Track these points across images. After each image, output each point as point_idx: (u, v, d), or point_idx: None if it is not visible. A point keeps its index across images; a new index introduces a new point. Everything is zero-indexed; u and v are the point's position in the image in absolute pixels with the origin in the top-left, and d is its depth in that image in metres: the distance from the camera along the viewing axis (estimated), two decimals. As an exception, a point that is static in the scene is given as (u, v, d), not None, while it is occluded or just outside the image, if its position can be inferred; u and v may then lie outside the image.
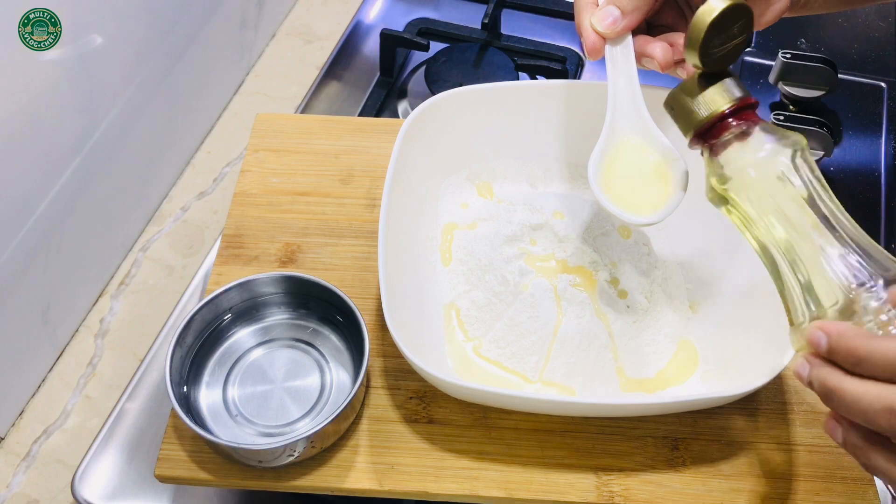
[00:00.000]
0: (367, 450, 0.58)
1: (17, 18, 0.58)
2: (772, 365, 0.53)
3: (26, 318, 0.67)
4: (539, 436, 0.58)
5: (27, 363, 0.69)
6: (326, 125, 0.75)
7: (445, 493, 0.56)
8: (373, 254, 0.59)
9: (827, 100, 0.87)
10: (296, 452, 0.55)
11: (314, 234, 0.68)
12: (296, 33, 0.98)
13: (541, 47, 0.91)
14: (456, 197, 0.69)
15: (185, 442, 0.58)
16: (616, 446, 0.58)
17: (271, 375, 0.60)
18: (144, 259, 0.79)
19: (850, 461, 0.58)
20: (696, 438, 0.59)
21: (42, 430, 0.69)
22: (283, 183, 0.71)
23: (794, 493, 0.57)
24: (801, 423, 0.59)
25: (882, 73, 0.92)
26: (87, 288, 0.75)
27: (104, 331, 0.74)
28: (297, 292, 0.62)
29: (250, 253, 0.67)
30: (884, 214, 0.79)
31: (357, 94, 0.90)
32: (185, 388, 0.58)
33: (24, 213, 0.64)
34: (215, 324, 0.61)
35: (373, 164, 0.72)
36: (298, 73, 0.93)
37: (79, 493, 0.63)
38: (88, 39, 0.66)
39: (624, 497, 0.56)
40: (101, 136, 0.70)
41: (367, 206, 0.70)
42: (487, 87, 0.68)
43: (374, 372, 0.61)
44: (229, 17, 0.87)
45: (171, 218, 0.81)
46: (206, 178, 0.85)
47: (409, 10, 0.98)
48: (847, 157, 0.84)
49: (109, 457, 0.65)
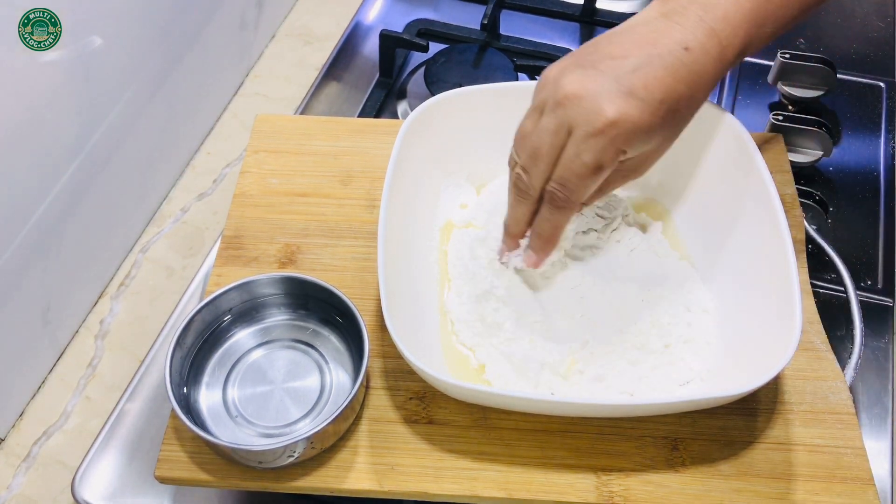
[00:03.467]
0: (367, 450, 0.58)
1: (17, 18, 0.58)
2: (772, 365, 0.53)
3: (26, 319, 0.67)
4: (539, 436, 0.58)
5: (27, 364, 0.69)
6: (326, 126, 0.75)
7: (445, 493, 0.56)
8: (372, 255, 0.59)
9: (826, 100, 0.87)
10: (296, 453, 0.55)
11: (314, 235, 0.69)
12: (295, 34, 0.98)
13: (540, 48, 0.91)
14: (455, 197, 0.69)
15: (185, 443, 0.58)
16: (616, 446, 0.58)
17: (271, 376, 0.60)
18: (144, 260, 0.79)
19: (849, 461, 0.58)
20: (696, 438, 0.59)
21: (42, 431, 0.69)
22: (283, 184, 0.71)
23: (793, 493, 0.57)
24: (801, 423, 0.60)
25: (881, 73, 0.92)
26: (87, 289, 0.75)
27: (104, 332, 0.74)
28: (296, 293, 0.62)
29: (250, 254, 0.67)
30: (883, 214, 0.79)
31: (356, 94, 0.90)
32: (185, 389, 0.58)
33: (24, 213, 0.64)
34: (215, 325, 0.61)
35: (372, 165, 0.72)
36: (298, 74, 0.93)
37: (79, 495, 0.63)
38: (88, 40, 0.66)
39: (623, 497, 0.56)
40: (100, 137, 0.70)
41: (367, 207, 0.70)
42: (487, 87, 0.68)
43: (374, 373, 0.61)
44: (229, 19, 0.87)
45: (171, 219, 0.81)
46: (205, 180, 0.85)
47: (409, 11, 0.98)
48: (846, 157, 0.84)
49: (109, 458, 0.65)
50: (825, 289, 0.73)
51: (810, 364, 0.62)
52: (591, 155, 0.52)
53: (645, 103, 0.51)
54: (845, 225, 0.79)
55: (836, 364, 0.62)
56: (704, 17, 0.54)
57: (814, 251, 0.73)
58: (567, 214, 0.56)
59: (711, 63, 0.54)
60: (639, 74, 0.52)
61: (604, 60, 0.53)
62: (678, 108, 0.53)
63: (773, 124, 0.80)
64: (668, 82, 0.52)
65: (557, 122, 0.53)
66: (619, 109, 0.51)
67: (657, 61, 0.52)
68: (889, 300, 0.74)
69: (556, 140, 0.53)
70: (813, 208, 0.80)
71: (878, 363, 0.69)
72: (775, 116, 0.81)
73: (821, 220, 0.79)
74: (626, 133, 0.52)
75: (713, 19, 0.54)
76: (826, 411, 0.60)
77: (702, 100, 0.56)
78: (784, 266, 0.57)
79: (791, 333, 0.53)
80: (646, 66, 0.52)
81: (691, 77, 0.53)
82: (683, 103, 0.54)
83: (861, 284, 0.74)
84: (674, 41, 0.53)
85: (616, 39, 0.55)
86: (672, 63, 0.52)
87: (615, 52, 0.53)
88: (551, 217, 0.57)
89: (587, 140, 0.52)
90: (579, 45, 0.95)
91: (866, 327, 0.69)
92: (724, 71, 0.55)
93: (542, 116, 0.54)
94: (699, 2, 0.54)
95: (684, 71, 0.53)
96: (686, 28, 0.53)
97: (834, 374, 0.62)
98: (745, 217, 0.62)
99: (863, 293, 0.73)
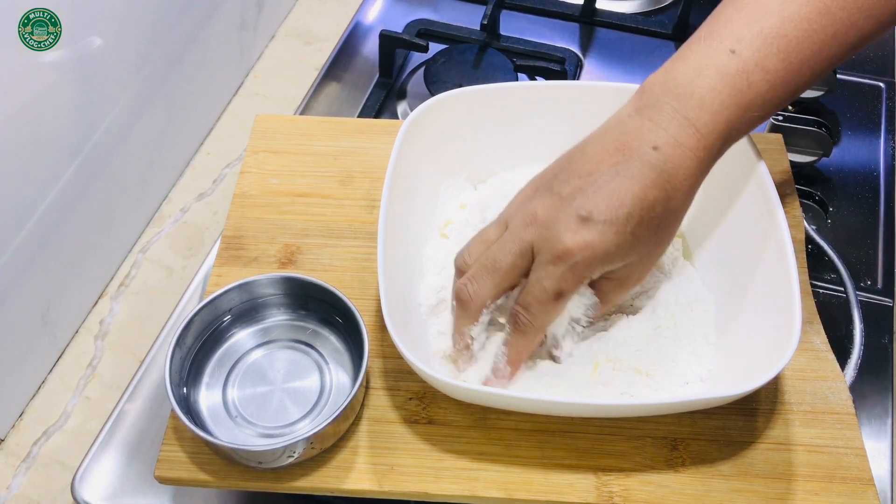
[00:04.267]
0: (367, 451, 0.58)
1: (17, 18, 0.58)
2: (772, 365, 0.53)
3: (26, 319, 0.67)
4: (539, 436, 0.58)
5: (27, 364, 0.69)
6: (326, 126, 0.75)
7: (445, 493, 0.56)
8: (372, 255, 0.59)
9: (826, 100, 0.87)
10: (295, 453, 0.55)
11: (314, 235, 0.69)
12: (295, 34, 0.98)
13: (540, 48, 0.91)
14: (455, 197, 0.69)
15: (184, 443, 0.58)
16: (615, 447, 0.58)
17: (271, 376, 0.60)
18: (144, 260, 0.79)
19: (849, 461, 0.58)
20: (696, 438, 0.59)
21: (42, 431, 0.69)
22: (283, 184, 0.71)
23: (793, 493, 0.57)
24: (800, 423, 0.60)
25: (881, 73, 0.92)
26: (86, 289, 0.75)
27: (104, 332, 0.74)
28: (296, 293, 0.62)
29: (250, 254, 0.67)
30: (882, 214, 0.79)
31: (356, 95, 0.90)
32: (185, 389, 0.58)
33: (24, 213, 0.64)
34: (215, 325, 0.61)
35: (372, 166, 0.72)
36: (298, 74, 0.93)
37: (79, 495, 0.63)
38: (88, 40, 0.66)
39: (623, 497, 0.56)
40: (100, 137, 0.70)
41: (367, 208, 0.70)
42: (486, 88, 0.68)
43: (374, 373, 0.61)
44: (229, 19, 0.87)
45: (171, 219, 0.81)
46: (205, 180, 0.85)
47: (409, 11, 0.98)
48: (846, 157, 0.84)
49: (109, 458, 0.65)
50: (825, 289, 0.73)
51: (810, 364, 0.62)
52: (551, 282, 0.52)
53: (606, 225, 0.51)
54: (845, 225, 0.79)
55: (836, 364, 0.62)
56: (679, 108, 0.51)
57: (814, 251, 0.73)
58: (531, 339, 0.56)
59: (688, 157, 0.51)
60: (601, 194, 0.51)
61: (571, 180, 0.52)
62: (654, 215, 0.52)
63: (773, 124, 0.81)
64: (634, 192, 0.50)
65: (522, 245, 0.53)
66: (575, 238, 0.51)
67: (624, 172, 0.51)
68: (889, 300, 0.74)
69: (519, 263, 0.53)
70: (813, 208, 0.80)
71: (878, 363, 0.69)
72: (775, 117, 0.81)
73: (820, 220, 0.79)
74: (585, 260, 0.51)
75: (688, 108, 0.51)
76: (826, 411, 0.60)
77: (683, 198, 0.53)
78: (784, 266, 0.57)
79: (791, 333, 0.53)
80: (611, 182, 0.51)
81: (663, 178, 0.51)
82: (659, 208, 0.51)
83: (861, 284, 0.74)
84: (643, 142, 0.51)
85: (589, 150, 0.54)
86: (639, 169, 0.51)
87: (583, 170, 0.52)
88: (515, 342, 0.56)
89: (546, 266, 0.52)
90: (579, 45, 0.95)
91: (866, 327, 0.69)
92: (708, 161, 0.53)
93: (506, 232, 0.54)
94: (674, 92, 0.52)
95: (653, 175, 0.51)
96: (658, 123, 0.51)
97: (834, 375, 0.62)
98: (744, 217, 0.62)
99: (863, 293, 0.73)
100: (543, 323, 0.55)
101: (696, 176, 0.53)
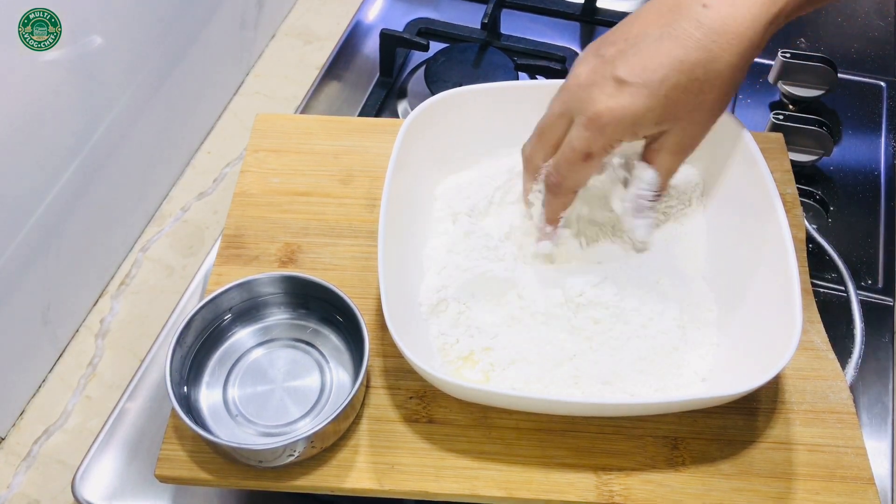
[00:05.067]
0: (367, 450, 0.58)
1: (17, 18, 0.59)
2: (772, 364, 0.53)
3: (26, 318, 0.67)
4: (539, 435, 0.58)
5: (27, 363, 0.69)
6: (326, 125, 0.75)
7: (445, 492, 0.56)
8: (372, 254, 0.59)
9: (826, 99, 0.87)
10: (296, 452, 0.55)
11: (314, 234, 0.69)
12: (295, 33, 0.98)
13: (540, 47, 0.91)
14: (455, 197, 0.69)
15: (185, 442, 0.58)
16: (616, 446, 0.58)
17: (271, 375, 0.60)
18: (145, 259, 0.79)
19: (849, 461, 0.58)
20: (696, 438, 0.59)
21: (42, 430, 0.69)
22: (283, 183, 0.71)
23: (793, 492, 0.57)
24: (801, 423, 0.59)
25: (881, 73, 0.92)
26: (87, 288, 0.75)
27: (104, 331, 0.74)
28: (297, 292, 0.62)
29: (250, 253, 0.67)
30: (883, 214, 0.79)
31: (357, 94, 0.90)
32: (186, 388, 0.58)
33: (24, 213, 0.64)
34: (215, 324, 0.61)
35: (372, 164, 0.72)
36: (298, 73, 0.93)
37: (79, 494, 0.63)
38: (88, 39, 0.66)
39: (624, 496, 0.56)
40: (101, 137, 0.71)
41: (367, 206, 0.70)
42: (487, 87, 0.68)
43: (374, 372, 0.61)
44: (229, 18, 0.87)
45: (172, 218, 0.81)
46: (206, 179, 0.85)
47: (409, 10, 0.98)
48: (846, 156, 0.84)
49: (110, 457, 0.65)
50: (826, 288, 0.73)
51: (810, 363, 0.62)
52: (580, 143, 0.53)
53: (638, 88, 0.50)
54: (846, 224, 0.79)
55: (837, 363, 0.62)
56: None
57: (814, 251, 0.73)
58: (562, 199, 0.57)
59: (739, 16, 0.48)
60: (640, 56, 0.50)
61: (618, 42, 0.53)
62: (694, 78, 0.50)
63: (774, 124, 0.80)
64: (674, 54, 0.49)
65: (562, 107, 0.55)
66: (608, 102, 0.51)
67: (670, 33, 0.50)
68: (889, 299, 0.74)
69: (559, 123, 0.55)
70: (813, 208, 0.80)
71: (878, 363, 0.69)
72: (776, 116, 0.81)
73: (821, 219, 0.79)
74: (613, 122, 0.52)
75: None
76: (826, 411, 0.60)
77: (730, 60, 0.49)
78: (785, 265, 0.57)
79: (791, 333, 0.53)
80: (654, 44, 0.50)
81: (709, 38, 0.49)
82: (699, 71, 0.49)
83: (861, 284, 0.74)
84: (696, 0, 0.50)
85: (643, 12, 0.54)
86: (685, 29, 0.49)
87: (632, 32, 0.53)
88: (548, 201, 0.58)
89: (578, 128, 0.53)
90: (579, 44, 0.95)
91: (867, 327, 0.69)
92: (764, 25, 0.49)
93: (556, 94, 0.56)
94: None
95: (699, 34, 0.49)
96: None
97: (834, 374, 0.62)
98: (745, 216, 0.62)
99: (863, 292, 0.73)
100: (573, 183, 0.56)
101: (746, 38, 0.50)
